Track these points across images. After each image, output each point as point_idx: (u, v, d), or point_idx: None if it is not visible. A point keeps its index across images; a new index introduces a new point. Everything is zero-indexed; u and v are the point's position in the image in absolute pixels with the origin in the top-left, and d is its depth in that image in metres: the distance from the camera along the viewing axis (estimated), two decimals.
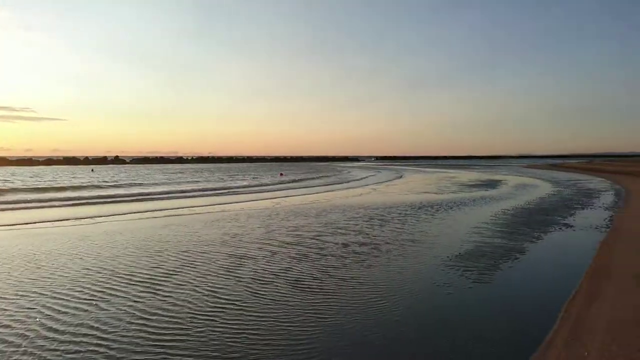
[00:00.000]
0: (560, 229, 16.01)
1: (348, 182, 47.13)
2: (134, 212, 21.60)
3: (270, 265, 10.93)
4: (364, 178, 54.57)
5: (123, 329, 6.96)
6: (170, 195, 31.69)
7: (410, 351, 6.25)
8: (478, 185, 40.25)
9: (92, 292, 8.85)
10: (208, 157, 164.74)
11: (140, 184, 42.18)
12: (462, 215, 19.63)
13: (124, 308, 7.93)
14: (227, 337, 6.60)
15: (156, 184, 42.40)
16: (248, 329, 6.91)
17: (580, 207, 22.39)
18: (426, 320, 7.40)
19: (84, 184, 41.39)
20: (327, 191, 34.71)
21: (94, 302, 8.24)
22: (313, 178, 54.44)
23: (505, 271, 10.32)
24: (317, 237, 14.49)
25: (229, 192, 34.71)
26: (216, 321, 7.26)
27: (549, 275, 10.30)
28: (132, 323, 7.21)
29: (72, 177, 55.22)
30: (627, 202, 24.35)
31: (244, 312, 7.68)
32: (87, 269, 10.74)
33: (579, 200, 26.24)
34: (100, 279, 9.79)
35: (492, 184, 41.11)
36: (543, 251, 12.51)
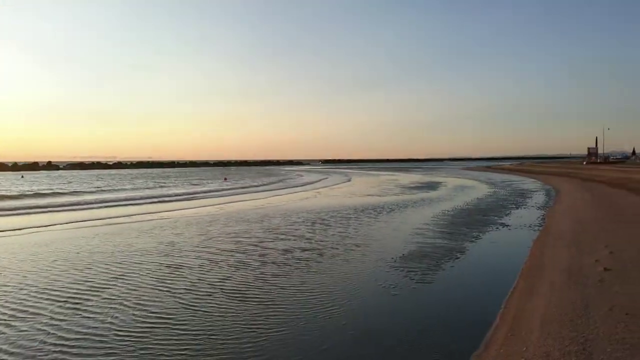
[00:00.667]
0: (497, 228, 16.54)
1: (293, 186, 46.93)
2: (64, 223, 20.24)
3: (207, 275, 10.44)
4: (309, 182, 54.57)
5: (36, 350, 6.33)
6: (104, 203, 30.13)
7: (358, 353, 6.15)
8: (419, 187, 41.23)
9: (6, 311, 8.07)
10: (149, 161, 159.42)
11: (74, 192, 39.85)
12: (404, 217, 19.91)
13: (40, 327, 7.23)
14: (158, 358, 6.15)
15: (90, 192, 40.22)
16: (181, 347, 6.37)
17: (515, 207, 23.33)
18: (373, 322, 7.31)
19: (10, 193, 38.69)
20: (271, 196, 34.33)
21: (7, 321, 7.50)
22: (257, 183, 53.81)
23: (447, 270, 10.46)
24: (259, 244, 14.12)
25: (168, 198, 33.51)
26: (146, 340, 6.62)
27: (488, 273, 10.57)
28: (46, 343, 6.56)
29: None
30: (557, 201, 25.63)
31: (177, 329, 7.07)
32: (4, 285, 9.85)
33: (513, 200, 27.38)
34: (19, 296, 8.97)
35: (432, 186, 42.23)
36: (482, 250, 12.84)
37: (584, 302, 7.13)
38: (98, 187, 45.95)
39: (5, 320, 7.57)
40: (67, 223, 19.96)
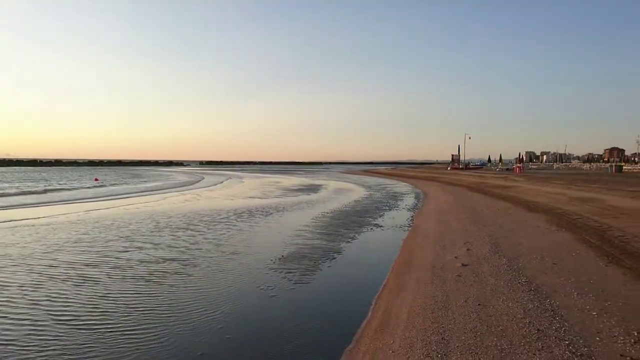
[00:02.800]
0: (371, 229, 17.48)
1: (169, 187, 45.02)
2: None
3: (36, 294, 8.64)
4: (187, 183, 52.78)
5: None
6: None
7: (235, 356, 6.13)
8: (301, 189, 42.04)
9: None
10: (4, 159, 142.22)
11: None
12: (285, 219, 20.18)
13: None
14: None
15: None
16: None
17: (388, 209, 24.84)
18: (251, 325, 7.32)
19: None
20: (145, 196, 32.60)
21: None
22: (130, 184, 50.72)
23: (325, 270, 10.82)
24: (124, 253, 13.21)
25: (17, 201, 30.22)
26: None
27: (362, 271, 11.13)
28: None
29: None
30: (425, 203, 27.80)
31: None
32: None
33: (387, 202, 29.13)
34: None
35: (313, 189, 43.31)
36: (357, 250, 13.49)
37: (444, 295, 7.84)
38: None
39: None
40: None
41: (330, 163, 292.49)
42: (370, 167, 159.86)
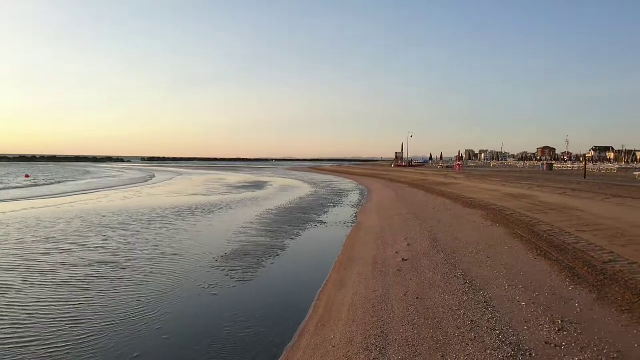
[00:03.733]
0: (316, 225, 17.58)
1: (108, 185, 43.32)
2: None
3: None
4: (130, 179, 50.95)
5: None
6: None
7: (174, 356, 5.99)
8: (246, 186, 41.63)
9: None
10: None
11: None
12: (229, 216, 19.92)
13: None
14: None
15: None
16: None
17: (333, 206, 25.08)
18: (190, 324, 7.18)
19: None
20: (81, 194, 31.18)
21: None
22: (65, 181, 48.31)
23: (268, 267, 10.78)
24: (47, 255, 12.48)
25: None
26: None
27: (306, 268, 11.19)
28: None
29: None
30: (368, 199, 28.28)
31: None
32: None
33: (332, 199, 29.38)
34: None
35: (258, 185, 43.01)
36: (301, 246, 13.53)
37: (385, 290, 8.01)
38: None
39: None
40: None
41: (277, 160, 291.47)
42: (316, 164, 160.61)
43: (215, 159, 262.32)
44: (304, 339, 6.33)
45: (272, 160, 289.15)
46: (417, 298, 7.33)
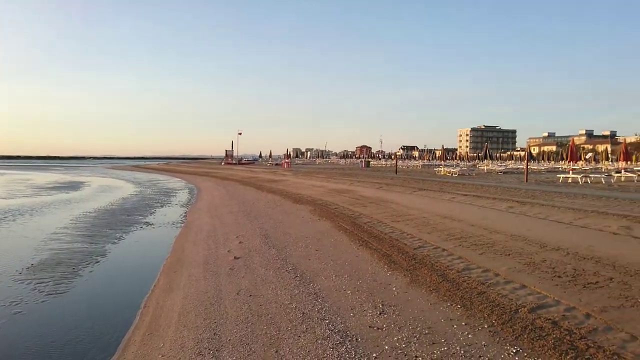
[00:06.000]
0: (141, 227, 16.47)
1: None
2: None
3: None
4: None
5: None
6: None
7: None
8: (58, 187, 37.18)
9: None
10: None
11: None
12: (37, 222, 17.52)
13: None
14: None
15: None
16: None
17: (160, 206, 23.81)
18: None
19: None
20: None
21: None
22: None
23: (86, 276, 9.72)
24: None
25: None
26: None
27: (131, 274, 10.39)
28: None
29: None
30: (199, 198, 27.51)
31: None
32: None
33: (159, 199, 27.88)
34: None
35: (74, 186, 38.79)
36: (125, 251, 12.53)
37: (217, 290, 7.82)
38: None
39: None
40: None
41: (95, 158, 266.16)
42: (141, 163, 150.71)
43: (19, 157, 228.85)
44: (129, 351, 5.82)
45: (90, 158, 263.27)
46: (250, 295, 7.31)
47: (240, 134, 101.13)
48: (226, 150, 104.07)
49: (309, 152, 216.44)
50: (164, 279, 9.27)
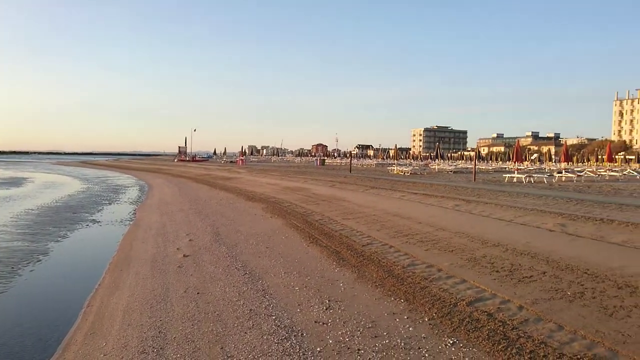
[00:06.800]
0: (87, 225, 15.97)
1: None
2: None
3: None
4: None
5: None
6: None
7: None
8: None
9: None
10: None
11: None
12: None
13: None
14: None
15: None
16: None
17: (109, 203, 23.13)
18: None
19: None
20: None
21: None
22: None
23: (26, 276, 9.36)
24: None
25: None
26: None
27: (75, 273, 10.11)
28: None
29: None
30: (149, 196, 26.89)
31: None
32: None
33: (107, 196, 27.06)
34: None
35: (15, 182, 37.03)
36: (69, 249, 12.15)
37: (164, 288, 7.73)
38: None
39: None
40: None
41: (40, 153, 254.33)
42: (89, 158, 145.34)
43: None
44: (69, 351, 5.67)
45: (34, 153, 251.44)
46: (198, 293, 7.28)
47: (194, 130, 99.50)
48: (179, 147, 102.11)
49: (264, 150, 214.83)
50: (110, 277, 9.06)
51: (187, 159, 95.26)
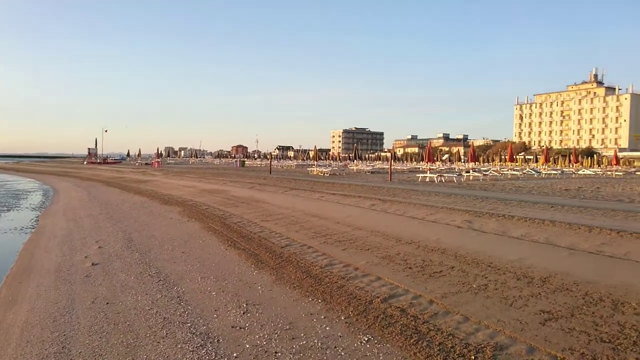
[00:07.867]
0: None
1: None
2: None
3: None
4: None
5: None
6: None
7: None
8: None
9: None
10: None
11: None
12: None
13: None
14: None
15: None
16: None
17: (7, 210, 21.25)
18: None
19: None
20: None
21: None
22: None
23: None
24: None
25: None
26: None
27: None
28: None
29: None
30: (55, 201, 25.09)
31: None
32: None
33: (5, 202, 24.87)
34: None
35: None
36: None
37: (69, 299, 7.24)
38: None
39: None
40: None
41: None
42: None
43: None
44: None
45: None
46: (107, 303, 6.89)
47: (106, 131, 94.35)
48: (89, 149, 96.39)
49: (182, 152, 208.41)
50: (6, 291, 8.31)
51: (98, 161, 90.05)
